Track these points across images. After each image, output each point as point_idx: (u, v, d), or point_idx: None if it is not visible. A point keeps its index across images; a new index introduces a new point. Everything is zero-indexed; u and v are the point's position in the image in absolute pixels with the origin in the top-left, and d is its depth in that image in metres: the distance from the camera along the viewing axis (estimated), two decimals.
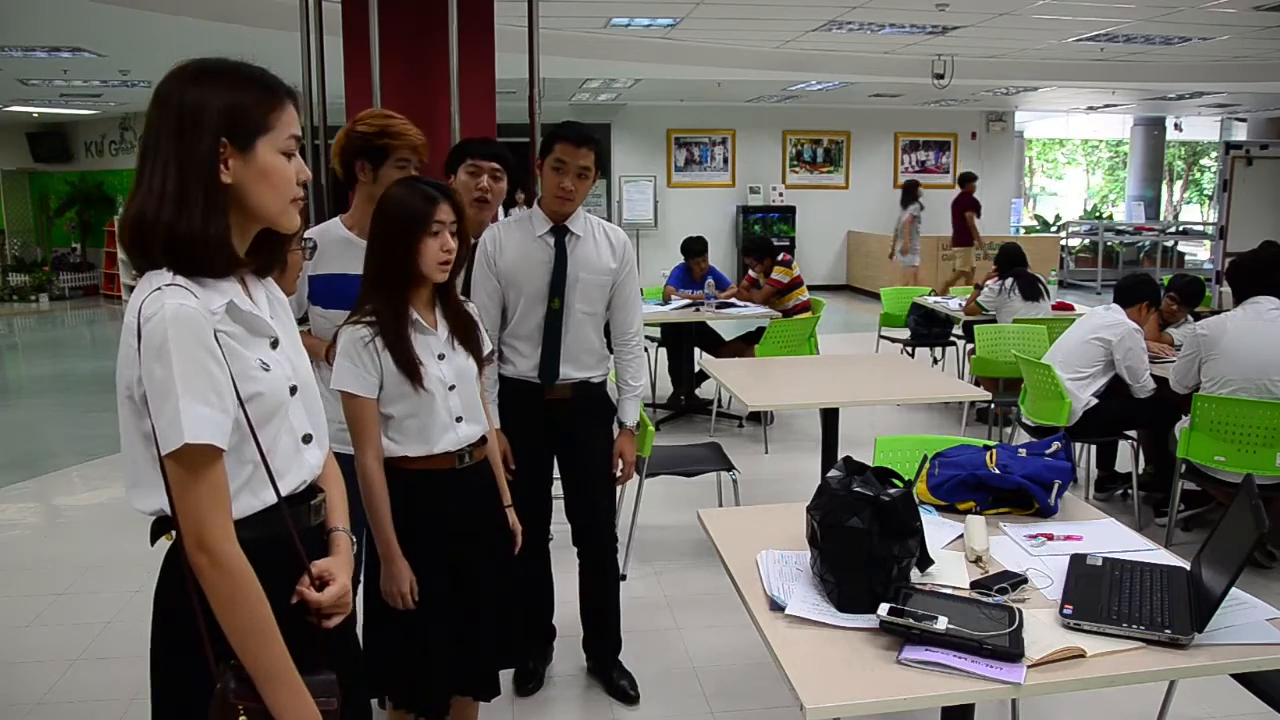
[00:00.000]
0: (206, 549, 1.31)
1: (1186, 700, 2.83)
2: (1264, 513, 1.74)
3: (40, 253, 14.82)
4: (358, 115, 2.68)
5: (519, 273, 2.82)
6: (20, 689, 3.14)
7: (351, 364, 2.09)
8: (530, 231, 2.83)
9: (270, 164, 1.38)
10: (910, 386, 4.22)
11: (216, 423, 1.31)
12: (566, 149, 2.73)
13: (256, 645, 1.33)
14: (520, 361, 2.87)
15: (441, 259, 2.10)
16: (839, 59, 10.14)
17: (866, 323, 9.81)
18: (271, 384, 1.41)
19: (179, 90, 1.36)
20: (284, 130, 1.40)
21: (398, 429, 2.14)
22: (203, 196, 1.34)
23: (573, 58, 8.91)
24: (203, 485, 1.31)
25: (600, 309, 2.91)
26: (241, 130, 1.36)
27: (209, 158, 1.34)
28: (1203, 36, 8.68)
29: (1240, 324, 3.99)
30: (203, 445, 1.30)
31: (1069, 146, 24.76)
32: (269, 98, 1.39)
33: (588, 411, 2.94)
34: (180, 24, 7.00)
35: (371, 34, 3.72)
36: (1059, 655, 1.66)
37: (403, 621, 2.15)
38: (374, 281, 2.13)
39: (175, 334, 1.29)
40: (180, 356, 1.29)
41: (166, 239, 1.33)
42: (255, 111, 1.37)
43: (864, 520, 1.83)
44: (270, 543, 1.37)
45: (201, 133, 1.34)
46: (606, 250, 2.89)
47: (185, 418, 1.28)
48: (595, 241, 2.89)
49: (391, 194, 2.15)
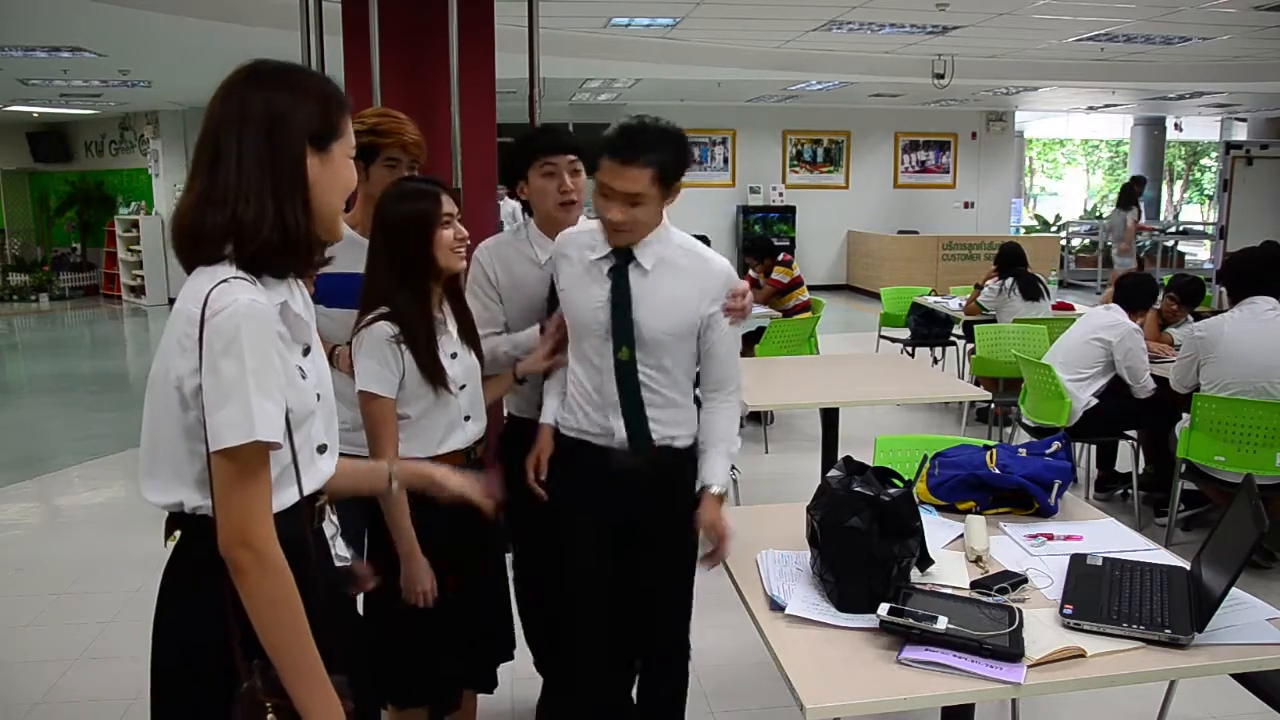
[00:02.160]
0: (252, 547, 1.30)
1: (1186, 700, 2.83)
2: (1264, 513, 1.74)
3: (40, 252, 14.81)
4: (357, 114, 2.68)
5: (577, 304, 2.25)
6: (20, 689, 3.14)
7: (377, 364, 2.08)
8: (590, 252, 2.24)
9: (341, 166, 1.42)
10: (910, 386, 4.22)
11: (280, 421, 1.32)
12: (610, 166, 2.10)
13: (292, 643, 1.33)
14: (577, 412, 2.27)
15: (455, 247, 2.13)
16: (839, 59, 10.13)
17: (866, 323, 9.80)
18: (305, 391, 1.41)
19: (261, 93, 1.36)
20: (350, 137, 1.44)
21: (412, 429, 2.15)
22: (299, 195, 1.36)
23: (573, 58, 8.90)
24: (255, 483, 1.31)
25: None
26: (323, 133, 1.39)
27: (300, 157, 1.36)
28: (1203, 36, 8.67)
29: (1237, 325, 3.99)
30: (268, 443, 1.30)
31: (1069, 146, 24.76)
32: (341, 103, 1.43)
33: (668, 484, 2.25)
34: (180, 24, 7.00)
35: (371, 34, 3.72)
36: (1059, 655, 1.66)
37: (409, 619, 2.15)
38: (393, 284, 2.12)
39: (249, 329, 1.29)
40: (254, 352, 1.29)
41: (251, 236, 1.33)
42: (333, 115, 1.40)
43: (864, 520, 1.83)
44: (287, 545, 1.37)
45: (292, 133, 1.36)
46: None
47: (257, 414, 1.28)
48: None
49: (391, 198, 2.16)
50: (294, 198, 1.36)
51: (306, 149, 1.37)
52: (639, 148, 2.05)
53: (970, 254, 12.85)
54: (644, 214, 2.11)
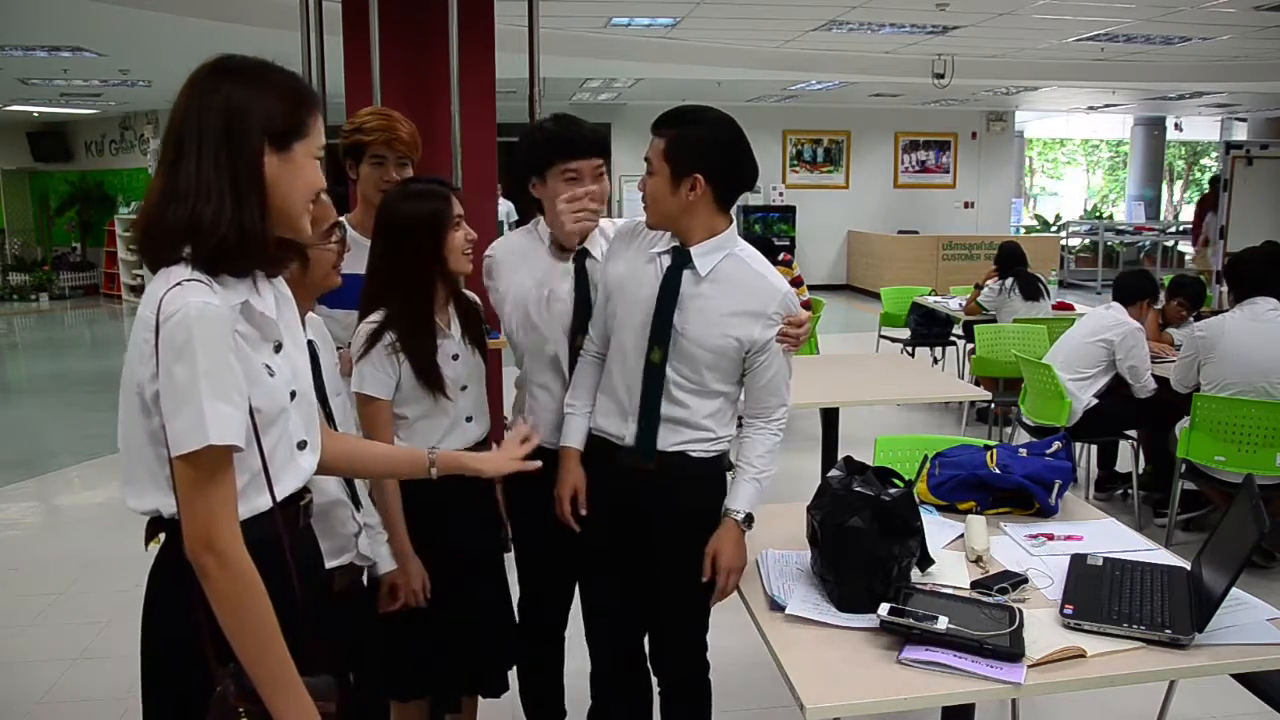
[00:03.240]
0: (216, 551, 1.29)
1: (1186, 700, 2.83)
2: (1264, 513, 1.74)
3: (40, 252, 14.80)
4: (352, 114, 2.69)
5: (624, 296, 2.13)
6: (19, 689, 3.14)
7: (373, 367, 2.08)
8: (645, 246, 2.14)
9: (303, 166, 1.40)
10: (910, 386, 4.22)
11: (238, 423, 1.31)
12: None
13: (260, 648, 1.32)
14: (601, 411, 2.18)
15: (466, 249, 2.12)
16: (839, 59, 10.13)
17: (866, 323, 9.80)
18: (274, 389, 1.40)
19: (221, 88, 1.35)
20: (318, 137, 1.42)
21: (409, 430, 2.15)
22: (255, 194, 1.34)
23: (573, 58, 8.90)
24: (217, 487, 1.30)
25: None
26: (283, 131, 1.37)
27: (256, 155, 1.35)
28: (1203, 36, 8.67)
29: (1238, 325, 3.99)
30: (226, 446, 1.29)
31: (1069, 146, 24.75)
32: (307, 103, 1.41)
33: (685, 494, 2.13)
34: (180, 24, 6.99)
35: (371, 34, 3.72)
36: (1059, 655, 1.66)
37: (411, 618, 2.15)
38: (396, 285, 2.11)
39: (200, 332, 1.27)
40: (205, 355, 1.28)
41: (208, 234, 1.31)
42: (296, 114, 1.38)
43: (864, 520, 1.83)
44: (261, 547, 1.36)
45: (249, 130, 1.34)
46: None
47: (210, 418, 1.27)
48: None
49: (398, 198, 2.13)
50: (250, 196, 1.34)
51: (264, 147, 1.35)
52: (666, 120, 2.05)
53: (970, 254, 12.85)
54: (654, 186, 2.04)
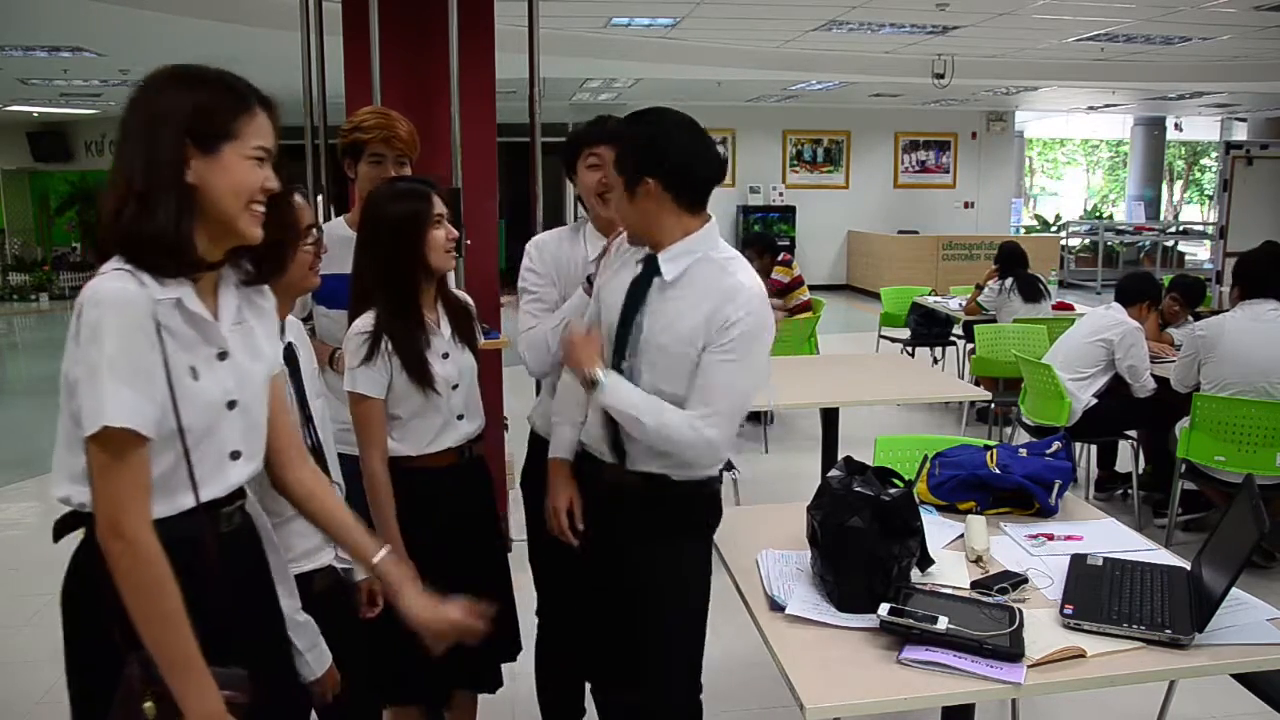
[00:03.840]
0: (122, 534, 1.30)
1: (1186, 700, 2.83)
2: (1264, 513, 1.74)
3: (40, 252, 14.80)
4: (352, 113, 2.69)
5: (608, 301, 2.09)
6: (19, 689, 3.14)
7: (362, 365, 2.09)
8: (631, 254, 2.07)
9: (232, 167, 1.38)
10: (910, 386, 4.22)
11: (141, 409, 1.30)
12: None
13: (165, 633, 1.32)
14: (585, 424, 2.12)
15: (447, 247, 2.13)
16: (839, 59, 10.13)
17: (866, 323, 9.80)
18: (200, 394, 1.39)
19: (150, 94, 1.38)
20: (252, 138, 1.40)
21: (402, 429, 2.16)
22: (171, 196, 1.35)
23: (573, 58, 8.90)
24: (123, 471, 1.30)
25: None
26: (206, 132, 1.37)
27: (174, 157, 1.35)
28: (1203, 36, 8.67)
29: (1239, 325, 3.99)
30: (122, 429, 1.28)
31: (1069, 146, 24.75)
32: (238, 104, 1.40)
33: (658, 516, 2.03)
34: (180, 24, 6.99)
35: (371, 34, 3.72)
36: (1059, 655, 1.66)
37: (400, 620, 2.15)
38: (380, 284, 2.12)
39: (111, 315, 1.29)
40: (113, 338, 1.29)
41: (131, 236, 1.34)
42: (222, 115, 1.38)
43: (864, 520, 1.83)
44: (181, 545, 1.35)
45: (167, 132, 1.35)
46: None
47: (109, 400, 1.27)
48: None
49: (381, 197, 2.16)
50: (169, 198, 1.34)
51: (187, 149, 1.35)
52: (612, 132, 2.06)
53: (970, 254, 12.85)
54: (615, 203, 1.99)
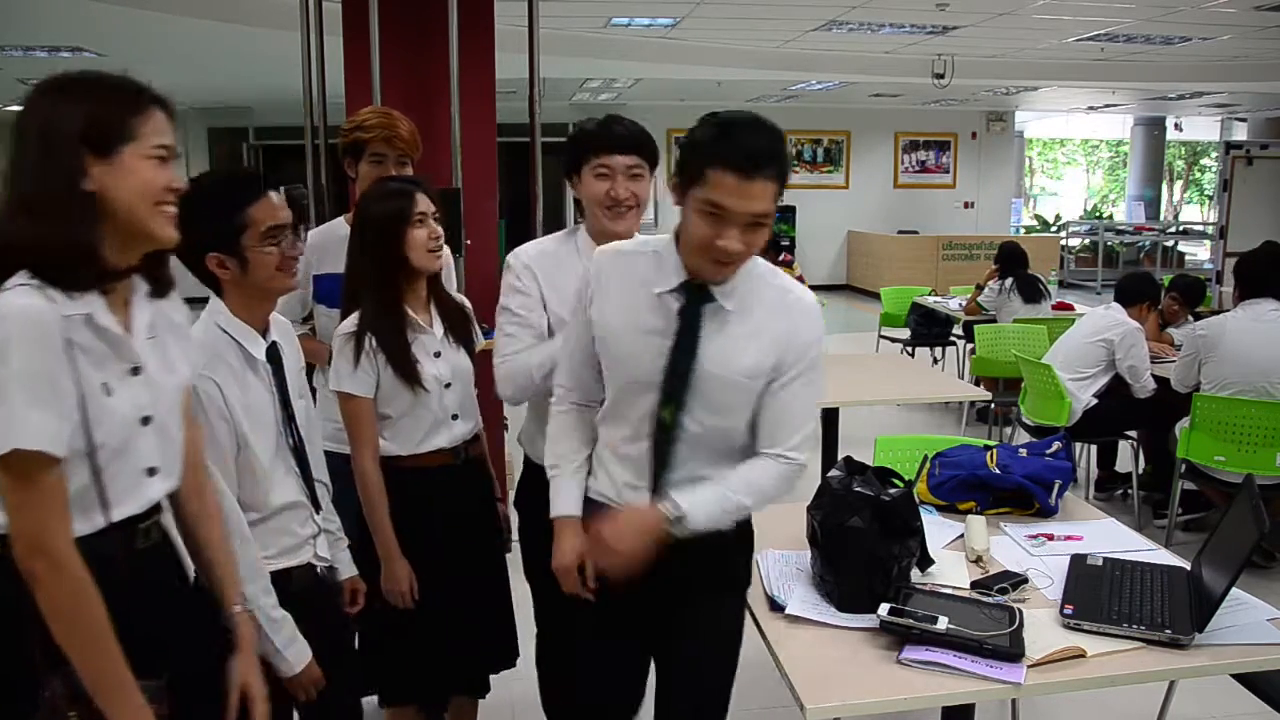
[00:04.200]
0: (45, 553, 1.27)
1: (1186, 700, 2.83)
2: (1264, 513, 1.74)
3: None
4: (353, 113, 2.70)
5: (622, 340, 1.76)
6: None
7: (351, 365, 2.09)
8: (651, 276, 1.73)
9: (134, 169, 1.35)
10: (910, 386, 4.23)
11: (51, 429, 1.27)
12: (728, 182, 1.59)
13: (93, 651, 1.30)
14: (603, 475, 1.82)
15: (430, 247, 2.11)
16: (839, 59, 10.13)
17: (866, 323, 9.79)
18: (113, 410, 1.36)
19: (41, 104, 1.35)
20: (150, 137, 1.37)
21: (393, 428, 2.15)
22: (72, 206, 1.31)
23: (573, 58, 8.90)
24: (40, 492, 1.27)
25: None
26: (103, 138, 1.33)
27: (71, 167, 1.32)
28: (1203, 36, 8.67)
29: (1240, 325, 3.99)
30: (33, 452, 1.25)
31: (1069, 146, 24.74)
32: (132, 105, 1.36)
33: (705, 569, 1.77)
34: (180, 24, 6.99)
35: (371, 34, 3.72)
36: (1059, 655, 1.66)
37: (398, 617, 2.15)
38: (365, 284, 2.13)
39: (18, 333, 1.25)
40: (20, 357, 1.25)
41: (35, 250, 1.30)
42: (117, 119, 1.35)
43: (864, 520, 1.83)
44: (93, 564, 1.32)
45: (63, 142, 1.32)
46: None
47: (18, 421, 1.24)
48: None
49: (369, 197, 2.18)
50: (70, 208, 1.31)
51: (84, 157, 1.32)
52: (766, 156, 1.58)
53: (970, 254, 12.84)
54: (761, 238, 1.64)
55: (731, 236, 1.59)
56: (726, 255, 1.61)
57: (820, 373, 1.79)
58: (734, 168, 1.56)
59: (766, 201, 1.59)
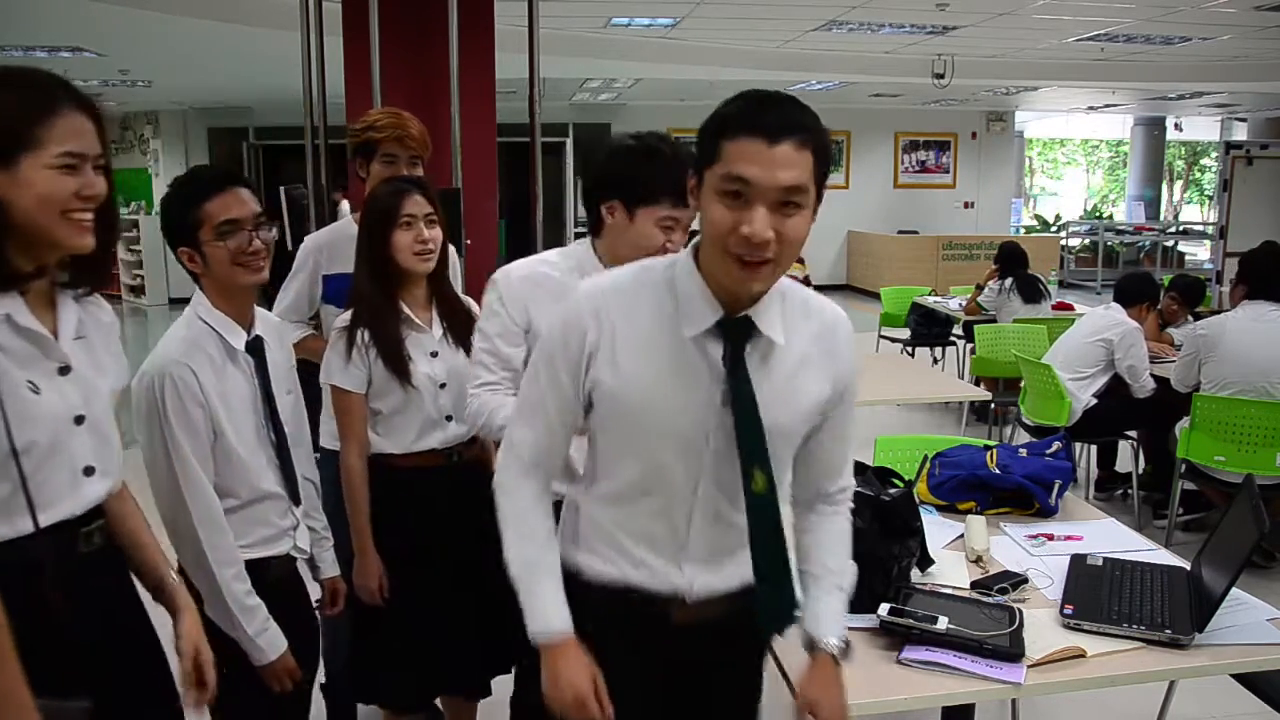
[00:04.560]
0: None
1: (1186, 700, 2.83)
2: (1264, 513, 1.74)
3: None
4: (362, 113, 2.71)
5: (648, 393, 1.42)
6: None
7: (342, 359, 2.10)
8: (668, 313, 1.41)
9: (33, 179, 1.29)
10: (910, 386, 4.23)
11: None
12: (750, 148, 1.28)
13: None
14: (619, 559, 1.50)
15: (416, 249, 2.11)
16: (839, 59, 10.13)
17: (866, 323, 9.79)
18: (41, 410, 1.33)
19: None
20: (55, 145, 1.30)
21: (385, 424, 2.15)
22: None
23: (573, 58, 8.90)
24: None
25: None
26: (2, 147, 1.28)
27: None
28: (1203, 36, 8.67)
29: (1240, 325, 3.99)
30: None
31: (1069, 146, 24.75)
32: (37, 107, 1.30)
33: (734, 639, 1.56)
34: (180, 24, 6.99)
35: (371, 34, 3.72)
36: (1059, 655, 1.66)
37: (388, 619, 2.15)
38: (363, 279, 2.16)
39: None
40: None
41: None
42: (15, 123, 1.29)
43: (864, 520, 1.83)
44: (13, 570, 1.29)
45: None
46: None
47: None
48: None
49: (369, 195, 2.23)
50: None
51: None
52: (794, 119, 1.29)
53: (970, 254, 12.84)
54: (798, 228, 1.33)
55: (757, 218, 1.27)
56: (752, 248, 1.28)
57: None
58: (755, 130, 1.26)
59: (798, 170, 1.28)
